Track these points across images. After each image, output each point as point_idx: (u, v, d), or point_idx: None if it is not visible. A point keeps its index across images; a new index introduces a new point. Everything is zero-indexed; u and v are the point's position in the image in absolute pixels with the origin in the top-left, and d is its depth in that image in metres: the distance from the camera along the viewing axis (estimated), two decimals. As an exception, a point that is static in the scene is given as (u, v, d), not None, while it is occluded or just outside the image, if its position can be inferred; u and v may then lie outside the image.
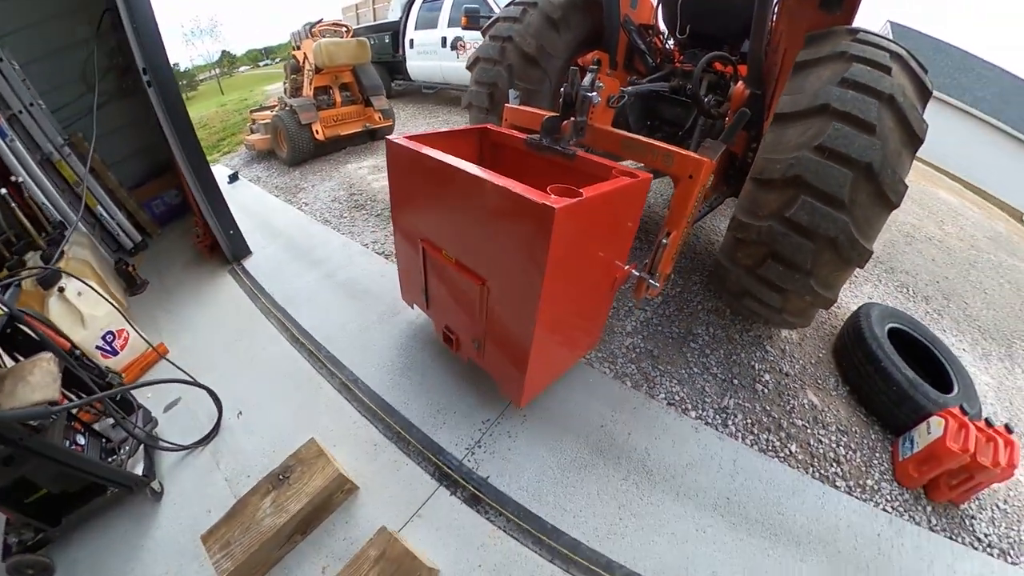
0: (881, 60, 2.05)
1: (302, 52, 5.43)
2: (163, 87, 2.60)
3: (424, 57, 7.79)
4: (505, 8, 3.14)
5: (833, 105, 2.00)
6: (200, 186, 2.91)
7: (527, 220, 1.59)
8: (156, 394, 2.46)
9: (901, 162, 2.00)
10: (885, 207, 2.04)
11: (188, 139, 2.77)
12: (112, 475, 1.85)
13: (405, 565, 1.63)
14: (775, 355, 2.84)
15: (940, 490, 2.14)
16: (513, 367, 2.00)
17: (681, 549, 1.88)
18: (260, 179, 5.12)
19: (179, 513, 2.00)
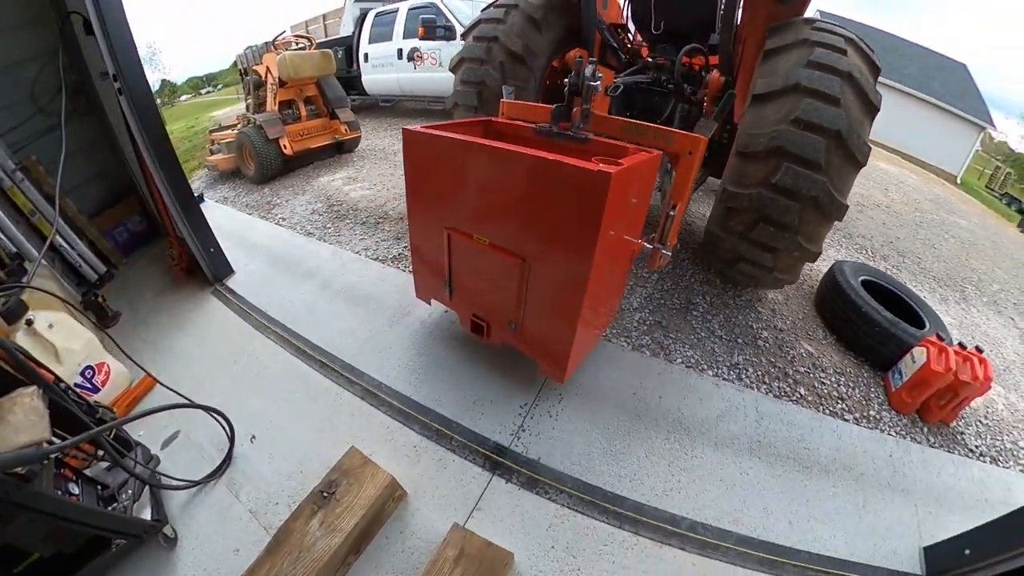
0: (838, 44, 2.29)
1: (264, 66, 5.02)
2: (135, 92, 2.26)
3: (380, 70, 7.46)
4: (485, 11, 3.10)
5: (803, 84, 2.20)
6: (176, 198, 2.53)
7: (580, 189, 1.55)
8: (148, 431, 2.09)
9: (863, 128, 2.23)
10: (854, 167, 2.25)
11: (162, 147, 2.41)
12: (116, 524, 1.52)
13: (488, 557, 1.47)
14: (767, 315, 2.97)
15: (931, 411, 2.32)
16: (556, 343, 1.91)
17: (732, 493, 1.90)
18: (228, 199, 4.62)
19: (200, 558, 1.68)
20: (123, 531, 1.53)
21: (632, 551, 1.68)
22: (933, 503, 1.95)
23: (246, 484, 1.89)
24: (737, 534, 1.76)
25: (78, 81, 2.74)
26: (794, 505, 1.87)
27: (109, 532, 1.48)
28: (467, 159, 1.85)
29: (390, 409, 2.18)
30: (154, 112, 2.40)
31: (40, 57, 2.65)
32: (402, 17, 6.91)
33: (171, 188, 2.52)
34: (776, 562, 1.69)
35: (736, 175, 2.47)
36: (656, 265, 2.39)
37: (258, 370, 2.40)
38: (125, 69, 2.20)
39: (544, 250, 1.75)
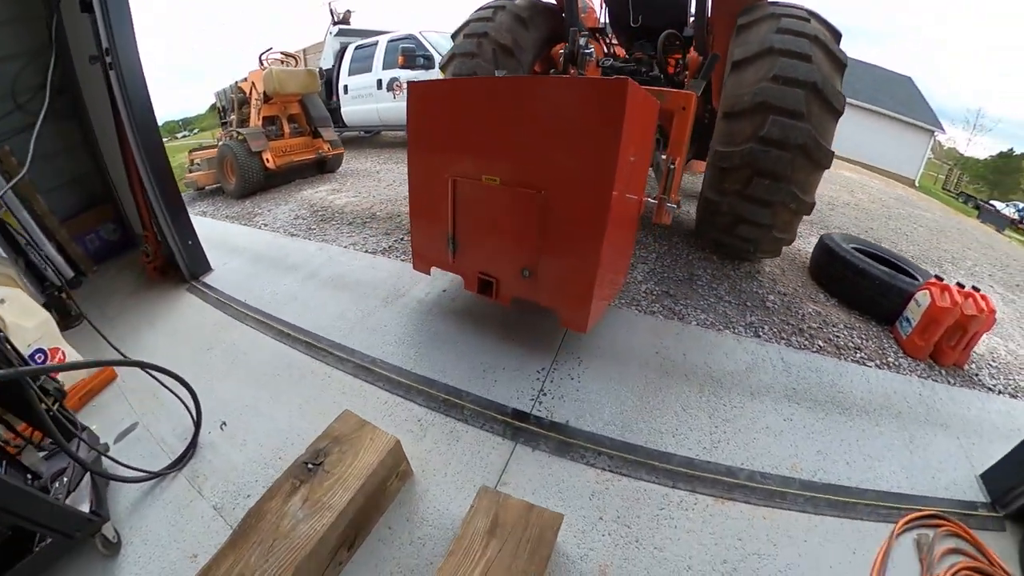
0: (801, 15, 2.37)
1: (249, 82, 4.83)
2: (127, 70, 2.03)
3: (359, 101, 7.29)
4: (474, 12, 3.09)
5: (776, 46, 2.24)
6: (155, 181, 2.19)
7: (599, 101, 1.40)
8: (101, 423, 1.62)
9: (835, 81, 2.26)
10: (833, 115, 2.25)
11: (147, 128, 2.13)
12: (40, 511, 1.07)
13: (531, 523, 1.09)
14: (768, 283, 2.80)
15: (945, 353, 2.16)
16: (577, 283, 1.64)
17: (781, 439, 1.62)
18: (207, 213, 4.22)
19: (148, 567, 1.23)
20: (48, 524, 1.07)
21: (693, 511, 1.34)
22: (973, 435, 1.75)
23: (211, 476, 1.45)
24: (800, 479, 1.46)
25: (62, 80, 2.47)
26: (846, 446, 1.61)
27: (29, 522, 1.03)
28: (480, 98, 1.67)
29: (388, 383, 1.80)
30: (144, 94, 2.14)
31: (22, 55, 2.39)
32: (381, 49, 6.87)
33: (152, 171, 2.19)
34: (847, 503, 1.40)
35: (725, 136, 2.40)
36: (663, 219, 2.23)
37: (234, 356, 1.98)
38: (120, 45, 1.98)
39: (563, 176, 1.54)
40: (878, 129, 16.89)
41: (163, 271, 2.62)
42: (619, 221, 1.65)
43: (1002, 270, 4.71)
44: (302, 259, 2.90)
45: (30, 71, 2.49)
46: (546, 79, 1.54)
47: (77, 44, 2.42)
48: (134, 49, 2.14)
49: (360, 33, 8.45)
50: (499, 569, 0.99)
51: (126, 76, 2.11)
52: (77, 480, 1.29)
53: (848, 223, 5.05)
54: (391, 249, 3.04)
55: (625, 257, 2.17)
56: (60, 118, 2.63)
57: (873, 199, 7.24)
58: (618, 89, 1.35)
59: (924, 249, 4.65)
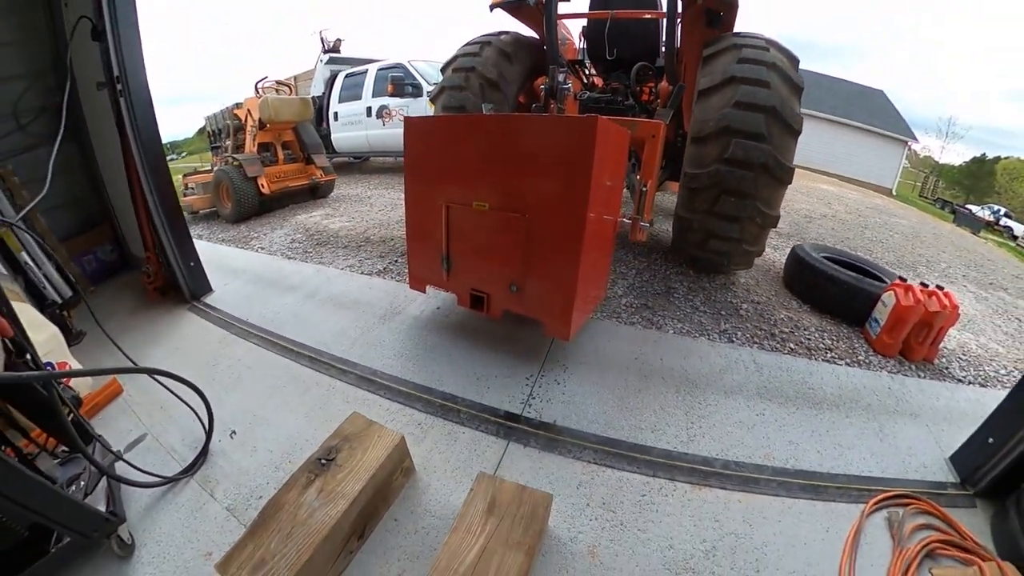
0: (760, 44, 2.66)
1: (244, 110, 5.08)
2: (136, 96, 2.21)
3: (350, 128, 7.53)
4: (462, 48, 3.39)
5: (737, 75, 2.52)
6: (160, 204, 2.35)
7: (572, 136, 1.63)
8: (110, 434, 1.71)
9: (793, 103, 2.52)
10: (792, 135, 2.51)
11: (154, 153, 2.28)
12: (61, 510, 1.16)
13: (525, 501, 1.24)
14: (742, 293, 3.04)
15: (914, 349, 2.37)
16: (559, 296, 1.84)
17: (754, 432, 1.79)
18: (203, 236, 4.35)
19: (163, 567, 1.32)
20: (68, 523, 1.17)
21: (672, 496, 1.49)
22: (942, 421, 1.92)
23: (223, 480, 1.56)
24: (772, 467, 1.63)
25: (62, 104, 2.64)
26: (817, 436, 1.78)
27: (49, 520, 1.13)
28: (469, 133, 1.90)
29: (388, 392, 1.94)
30: (152, 119, 2.31)
31: (26, 77, 2.54)
32: (371, 78, 7.15)
33: (157, 194, 2.35)
34: (818, 487, 1.56)
35: (694, 159, 2.67)
36: (638, 237, 2.46)
37: (240, 371, 2.11)
38: (131, 73, 2.15)
39: (543, 201, 1.76)
40: (854, 142, 17.72)
41: (163, 292, 2.75)
42: (596, 239, 1.87)
43: (976, 270, 5.06)
44: (300, 280, 3.06)
45: (32, 93, 2.62)
46: (528, 118, 1.79)
47: (81, 69, 2.55)
48: (143, 76, 2.30)
49: (350, 61, 8.86)
50: (498, 541, 1.14)
51: (135, 102, 2.27)
52: (93, 485, 1.40)
53: (825, 234, 5.39)
54: (386, 271, 3.22)
55: (603, 271, 2.38)
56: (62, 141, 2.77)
57: (850, 210, 7.70)
58: (589, 126, 1.59)
59: (900, 255, 4.97)
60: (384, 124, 6.90)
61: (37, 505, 1.09)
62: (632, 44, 3.40)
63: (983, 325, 3.17)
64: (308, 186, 5.44)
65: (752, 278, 3.33)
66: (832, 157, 17.13)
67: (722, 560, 1.30)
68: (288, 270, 3.27)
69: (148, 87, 2.29)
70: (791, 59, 2.68)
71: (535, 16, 3.39)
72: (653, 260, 3.50)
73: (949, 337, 2.72)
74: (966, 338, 2.83)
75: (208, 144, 8.55)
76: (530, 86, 3.70)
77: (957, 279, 4.43)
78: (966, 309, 3.43)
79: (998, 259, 6.62)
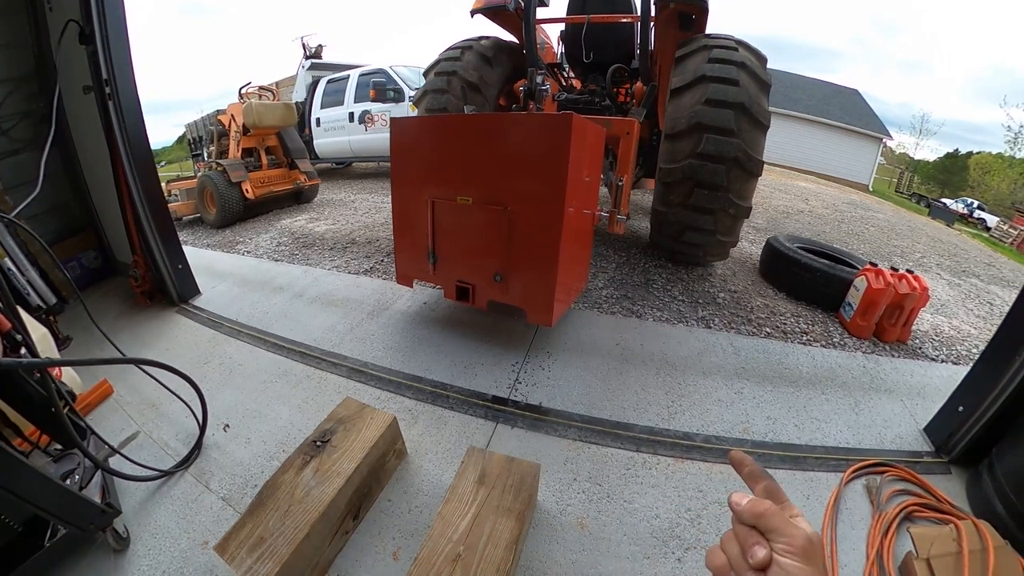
0: (730, 45, 2.81)
1: (228, 115, 5.09)
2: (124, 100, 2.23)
3: (332, 134, 7.56)
4: (443, 52, 3.50)
5: (708, 74, 2.65)
6: (148, 207, 2.38)
7: (550, 132, 1.74)
8: (104, 433, 1.72)
9: (762, 100, 2.67)
10: (760, 130, 2.66)
11: (142, 155, 2.30)
12: (60, 502, 1.18)
13: (513, 471, 1.31)
14: (720, 283, 3.18)
15: (886, 331, 2.51)
16: (541, 284, 1.93)
17: (733, 408, 1.90)
18: (188, 242, 4.32)
19: (160, 559, 1.35)
20: (65, 516, 1.20)
21: (656, 469, 1.58)
22: (916, 396, 2.04)
23: (218, 472, 1.60)
24: (751, 440, 1.73)
25: (46, 109, 2.64)
26: (794, 411, 1.89)
27: (46, 512, 1.16)
28: (453, 131, 1.99)
29: (379, 382, 2.01)
30: (140, 123, 2.34)
31: (8, 81, 2.54)
32: (353, 83, 7.20)
33: (145, 198, 2.37)
34: (797, 458, 1.66)
35: (668, 155, 2.80)
36: (616, 229, 2.57)
37: (231, 368, 2.14)
38: (119, 76, 2.18)
39: (524, 194, 1.85)
40: (830, 140, 18.31)
41: (151, 296, 2.76)
42: (574, 230, 1.98)
43: (949, 259, 5.32)
44: (288, 281, 3.10)
45: (15, 98, 2.62)
46: (507, 116, 1.88)
47: (65, 74, 2.55)
48: (132, 79, 2.32)
49: (332, 67, 8.89)
50: (489, 508, 1.21)
51: (124, 106, 2.29)
52: (88, 479, 1.42)
53: (802, 228, 5.60)
54: (372, 270, 3.28)
55: (583, 261, 2.47)
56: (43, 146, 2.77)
57: (827, 205, 7.98)
58: (564, 122, 1.69)
59: (876, 246, 5.19)
60: (366, 129, 6.95)
61: (35, 497, 1.11)
62: (608, 47, 3.56)
63: (955, 309, 3.36)
64: (292, 191, 5.48)
65: (729, 269, 3.48)
66: (809, 155, 17.62)
67: (707, 527, 1.39)
68: (275, 272, 3.31)
69: (136, 90, 2.33)
70: (759, 58, 2.84)
71: (514, 21, 3.52)
72: (632, 254, 3.63)
73: (922, 320, 2.89)
74: (939, 321, 3.00)
75: (188, 152, 8.47)
76: (510, 89, 3.82)
77: (931, 268, 4.66)
78: (940, 295, 3.64)
79: (971, 248, 6.97)
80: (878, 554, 1.29)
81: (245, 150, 5.15)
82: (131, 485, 1.51)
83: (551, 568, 1.27)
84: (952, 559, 1.19)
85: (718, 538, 0.46)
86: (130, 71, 2.28)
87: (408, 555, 1.33)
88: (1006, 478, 1.37)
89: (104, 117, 2.34)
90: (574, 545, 1.33)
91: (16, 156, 2.56)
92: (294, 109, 5.31)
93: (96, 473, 1.43)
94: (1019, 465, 1.37)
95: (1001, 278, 4.85)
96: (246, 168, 4.87)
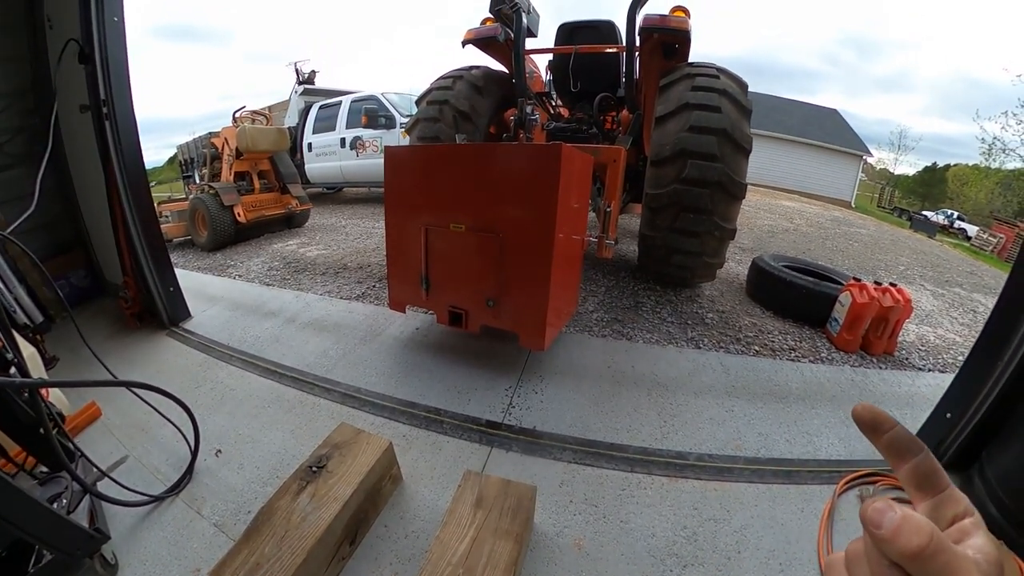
0: (711, 72, 3.01)
1: (222, 138, 5.20)
2: (121, 120, 2.30)
3: (324, 159, 7.69)
4: (435, 82, 3.69)
5: (691, 102, 2.84)
6: (140, 225, 2.41)
7: (539, 162, 1.86)
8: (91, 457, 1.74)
9: (743, 125, 2.85)
10: (743, 155, 2.84)
11: (136, 176, 2.36)
12: (47, 526, 1.16)
13: (511, 493, 1.36)
14: (708, 303, 3.30)
15: (873, 344, 2.63)
16: (533, 308, 2.02)
17: (725, 427, 1.96)
18: (179, 264, 4.33)
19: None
20: (51, 540, 1.20)
21: (651, 489, 1.63)
22: (905, 406, 2.13)
23: (210, 498, 1.61)
24: (744, 457, 1.79)
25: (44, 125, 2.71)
26: (785, 427, 1.96)
27: (33, 537, 1.15)
28: (446, 160, 2.11)
29: (373, 407, 2.04)
30: (135, 143, 2.39)
31: (4, 97, 2.59)
32: (345, 109, 7.38)
33: (138, 218, 2.43)
34: (790, 472, 1.72)
35: (654, 180, 2.97)
36: (604, 254, 2.68)
37: (222, 393, 2.16)
38: (116, 97, 2.24)
39: (515, 222, 1.96)
40: (812, 159, 19.11)
41: (140, 318, 2.77)
42: (565, 256, 2.08)
43: (932, 270, 5.54)
44: (279, 306, 3.14)
45: (9, 113, 2.67)
46: (499, 146, 2.02)
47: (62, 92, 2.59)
48: (129, 100, 2.39)
49: (324, 93, 9.18)
50: (487, 531, 1.25)
51: (120, 126, 2.35)
52: (75, 503, 1.41)
53: (787, 247, 5.82)
54: (364, 296, 3.34)
55: (574, 286, 2.57)
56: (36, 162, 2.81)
57: (811, 223, 8.30)
58: (554, 153, 1.81)
59: (860, 261, 5.40)
60: (358, 155, 7.11)
61: (20, 520, 1.09)
62: (595, 76, 3.79)
63: (940, 318, 3.52)
64: (284, 215, 5.57)
65: (716, 290, 3.61)
66: (792, 175, 18.39)
67: (704, 544, 1.42)
68: (267, 296, 3.35)
69: (133, 111, 2.40)
70: (740, 85, 3.04)
71: (504, 51, 3.74)
72: (621, 278, 3.76)
73: (908, 331, 3.02)
74: (924, 331, 3.14)
75: (179, 173, 8.54)
76: (500, 117, 4.02)
77: (915, 279, 4.87)
78: (924, 305, 3.80)
79: (953, 259, 7.28)
80: (875, 563, 1.35)
81: (237, 173, 5.26)
82: (120, 510, 1.51)
83: (549, 590, 1.31)
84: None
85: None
86: (128, 92, 2.35)
87: (406, 577, 1.35)
88: (997, 480, 1.43)
89: (100, 137, 2.40)
90: (572, 566, 1.36)
91: (9, 171, 2.60)
92: (287, 134, 5.46)
93: (84, 497, 1.43)
94: (1009, 467, 1.42)
95: (983, 285, 5.08)
96: (238, 192, 4.96)
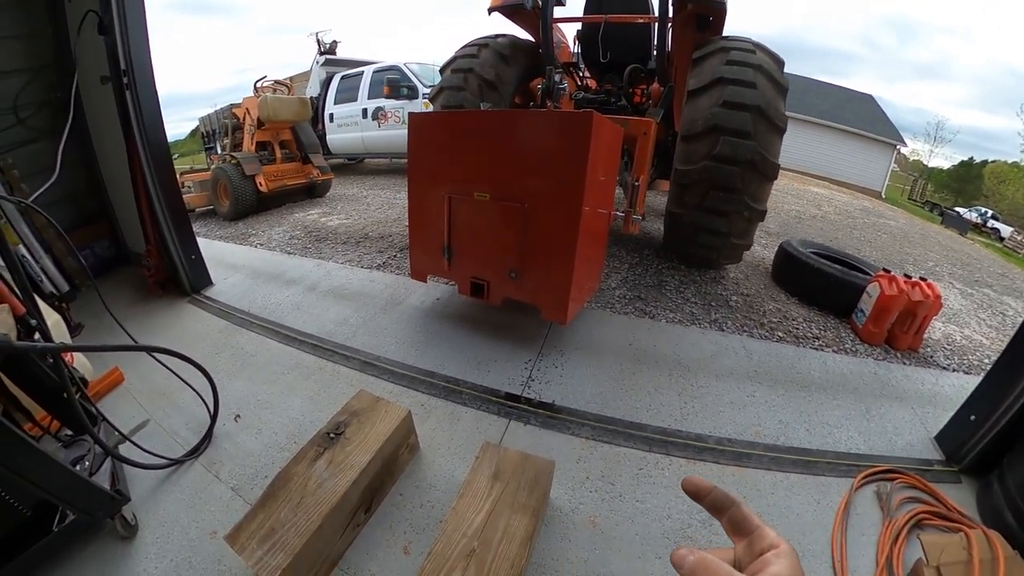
0: (747, 47, 2.76)
1: (243, 108, 5.10)
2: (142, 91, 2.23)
3: (345, 129, 7.50)
4: (460, 50, 3.47)
5: (725, 76, 2.60)
6: (162, 197, 2.37)
7: (569, 130, 1.71)
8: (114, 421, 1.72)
9: (778, 103, 2.61)
10: (777, 133, 2.61)
11: (158, 145, 2.30)
12: (71, 488, 1.17)
13: (528, 467, 1.29)
14: (732, 286, 3.13)
15: (899, 338, 2.45)
16: (556, 281, 1.91)
17: (745, 411, 1.86)
18: (201, 233, 4.31)
19: (167, 547, 1.32)
20: (74, 501, 1.19)
21: (668, 470, 1.55)
22: (927, 405, 1.99)
23: (228, 462, 1.58)
24: (763, 443, 1.69)
25: (65, 98, 2.64)
26: (805, 416, 1.85)
27: (57, 498, 1.14)
28: (471, 127, 1.97)
29: (392, 376, 1.98)
30: (157, 113, 2.33)
31: (27, 71, 2.54)
32: (367, 79, 7.14)
33: (160, 187, 2.37)
34: (808, 462, 1.62)
35: (684, 156, 2.76)
36: (630, 229, 2.54)
37: (242, 358, 2.13)
38: (136, 67, 2.17)
39: (541, 192, 1.82)
40: (843, 145, 17.96)
41: (163, 285, 2.75)
42: (591, 229, 1.94)
43: (962, 268, 5.23)
44: (300, 274, 3.09)
45: (33, 87, 2.62)
46: (527, 112, 1.86)
47: (84, 63, 2.57)
48: (150, 70, 2.31)
49: (346, 63, 8.89)
50: (504, 504, 1.18)
51: (141, 96, 2.28)
52: (97, 466, 1.40)
53: (814, 234, 5.51)
54: (385, 265, 3.26)
55: (598, 261, 2.45)
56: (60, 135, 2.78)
57: (839, 211, 7.89)
58: (585, 120, 1.66)
59: (887, 253, 5.11)
60: (379, 126, 6.91)
61: (45, 481, 1.10)
62: (625, 47, 3.52)
63: (968, 319, 3.30)
64: (305, 185, 5.47)
65: (741, 273, 3.43)
66: (822, 160, 17.28)
67: (719, 529, 1.32)
68: (288, 264, 3.30)
69: (154, 81, 2.32)
70: (777, 61, 2.79)
71: (531, 19, 3.49)
72: (645, 256, 3.59)
73: (935, 328, 2.83)
74: (951, 330, 2.94)
75: (201, 145, 8.48)
76: (526, 87, 3.80)
77: (944, 277, 4.58)
78: (952, 304, 3.57)
79: (984, 259, 6.86)
80: (888, 561, 1.27)
81: (259, 144, 5.15)
82: (140, 473, 1.49)
83: (562, 566, 1.25)
84: (962, 568, 1.16)
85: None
86: (148, 62, 2.27)
87: (419, 550, 1.30)
88: (1017, 488, 1.34)
89: (121, 107, 2.34)
90: (586, 543, 1.30)
91: (33, 145, 2.56)
92: (309, 104, 5.29)
93: (106, 460, 1.41)
94: (1031, 476, 1.32)
95: (1014, 289, 4.77)
96: (260, 161, 4.87)
